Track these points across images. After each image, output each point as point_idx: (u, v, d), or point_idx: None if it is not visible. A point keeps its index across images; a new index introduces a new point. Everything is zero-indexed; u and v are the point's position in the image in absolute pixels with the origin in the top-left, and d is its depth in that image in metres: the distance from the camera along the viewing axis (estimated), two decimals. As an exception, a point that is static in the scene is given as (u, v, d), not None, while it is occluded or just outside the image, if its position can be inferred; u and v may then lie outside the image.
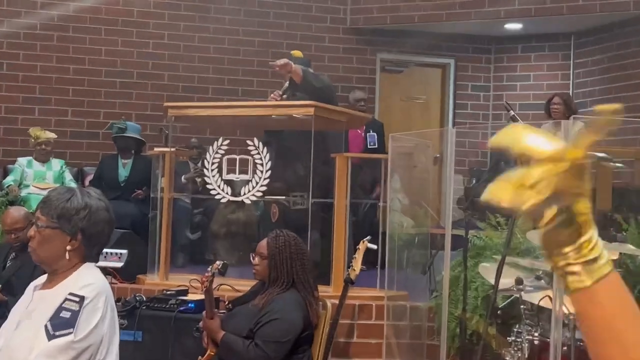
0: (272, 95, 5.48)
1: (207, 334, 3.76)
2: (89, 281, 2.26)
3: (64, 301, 2.20)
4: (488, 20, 7.89)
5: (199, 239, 6.41)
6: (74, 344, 2.14)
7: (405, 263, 5.13)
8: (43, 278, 2.37)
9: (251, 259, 3.92)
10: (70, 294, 2.21)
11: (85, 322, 2.18)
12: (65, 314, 2.18)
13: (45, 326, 2.15)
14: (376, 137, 6.85)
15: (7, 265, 4.52)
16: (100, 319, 2.22)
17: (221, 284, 4.64)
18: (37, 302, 2.28)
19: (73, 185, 5.87)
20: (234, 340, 3.67)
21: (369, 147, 6.75)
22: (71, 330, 2.15)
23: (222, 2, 7.88)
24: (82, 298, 2.19)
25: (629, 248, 4.13)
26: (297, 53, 5.86)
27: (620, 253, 4.04)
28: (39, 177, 6.34)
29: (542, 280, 3.92)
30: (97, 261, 2.41)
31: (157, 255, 5.23)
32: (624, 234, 4.61)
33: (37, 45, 7.42)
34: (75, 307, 2.20)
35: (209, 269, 3.81)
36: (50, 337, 2.15)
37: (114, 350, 2.27)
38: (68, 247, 2.26)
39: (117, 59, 7.64)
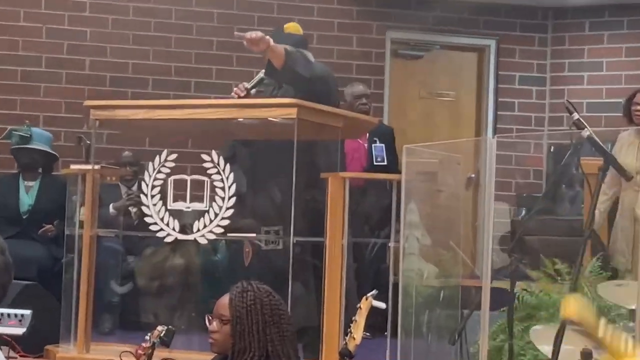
0: (235, 89, 5.65)
1: None
2: None
3: None
4: None
5: (132, 294, 6.51)
6: None
7: (426, 328, 5.24)
8: None
9: (207, 323, 3.97)
10: None
11: None
12: None
13: None
14: (384, 149, 6.98)
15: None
16: None
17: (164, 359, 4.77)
18: None
19: None
20: None
21: (375, 163, 6.93)
22: None
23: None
24: None
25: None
26: (292, 27, 6.02)
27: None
28: None
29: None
30: None
31: (74, 317, 5.34)
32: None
33: None
34: None
35: (147, 337, 3.94)
36: None
37: None
38: None
39: (19, 39, 7.87)
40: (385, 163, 6.94)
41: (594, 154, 5.05)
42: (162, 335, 3.96)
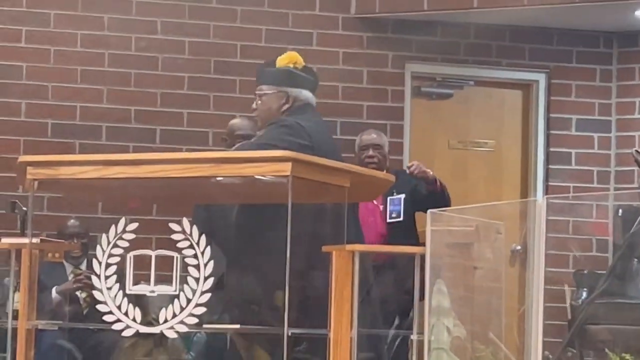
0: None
1: None
2: None
3: None
4: (607, 3, 8.22)
5: None
6: None
7: None
8: None
9: None
10: None
11: None
12: None
13: None
14: (403, 201, 7.00)
15: None
16: None
17: None
18: None
19: None
20: None
21: (388, 219, 7.00)
22: None
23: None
24: None
25: None
26: (287, 58, 6.04)
27: None
28: None
29: None
30: None
31: None
32: None
33: None
34: None
35: None
36: None
37: None
38: None
39: None
40: (402, 219, 6.87)
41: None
42: None
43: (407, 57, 8.73)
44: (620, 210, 8.42)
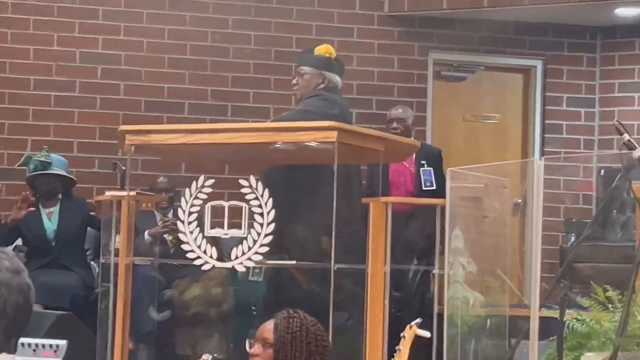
0: None
1: None
2: None
3: None
4: (591, 3, 8.28)
5: (169, 323, 6.65)
6: None
7: (473, 358, 5.27)
8: None
9: (247, 347, 4.13)
10: None
11: None
12: None
13: None
14: (433, 173, 7.08)
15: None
16: None
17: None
18: None
19: None
20: None
21: (423, 188, 7.02)
22: None
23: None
24: None
25: None
26: (323, 49, 6.09)
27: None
28: None
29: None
30: (14, 351, 2.68)
31: (110, 347, 5.44)
32: None
33: None
34: None
35: None
36: None
37: None
38: None
39: (52, 64, 8.03)
40: (435, 187, 6.84)
41: (640, 173, 4.97)
42: (211, 362, 4.33)
43: (430, 47, 8.79)
44: (602, 171, 8.44)
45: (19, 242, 7.19)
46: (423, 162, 7.08)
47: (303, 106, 5.98)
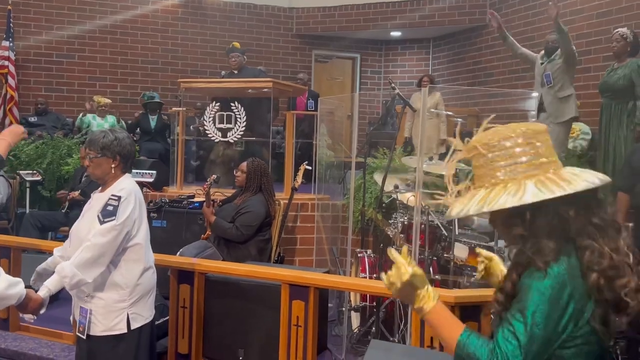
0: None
1: (205, 217, 5.81)
2: (123, 186, 3.64)
3: (108, 199, 3.60)
4: (380, 30, 12.22)
5: (200, 165, 9.16)
6: (116, 226, 3.57)
7: (328, 178, 7.18)
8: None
9: (234, 173, 5.83)
10: (112, 195, 3.61)
11: (122, 212, 3.56)
12: (110, 207, 3.56)
13: (98, 216, 3.62)
14: (314, 102, 9.81)
15: (83, 180, 8.15)
16: (132, 209, 3.58)
17: (215, 191, 6.52)
18: (95, 201, 3.78)
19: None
20: (222, 223, 5.70)
21: (308, 109, 9.87)
22: (113, 217, 3.56)
23: (220, 21, 11.53)
24: (119, 197, 3.55)
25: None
26: (237, 44, 8.11)
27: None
28: (99, 127, 9.58)
29: (410, 186, 6.05)
30: (130, 172, 3.73)
31: (175, 174, 7.54)
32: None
33: (96, 43, 12.45)
34: (115, 202, 3.54)
35: (208, 180, 5.82)
36: (101, 222, 3.57)
37: (143, 229, 3.74)
38: (112, 165, 3.65)
39: (148, 53, 12.52)
40: (314, 109, 8.81)
41: (399, 101, 7.16)
42: (215, 179, 5.81)
43: (314, 47, 11.83)
44: (387, 101, 10.82)
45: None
46: (310, 98, 10.01)
47: (255, 72, 8.30)
